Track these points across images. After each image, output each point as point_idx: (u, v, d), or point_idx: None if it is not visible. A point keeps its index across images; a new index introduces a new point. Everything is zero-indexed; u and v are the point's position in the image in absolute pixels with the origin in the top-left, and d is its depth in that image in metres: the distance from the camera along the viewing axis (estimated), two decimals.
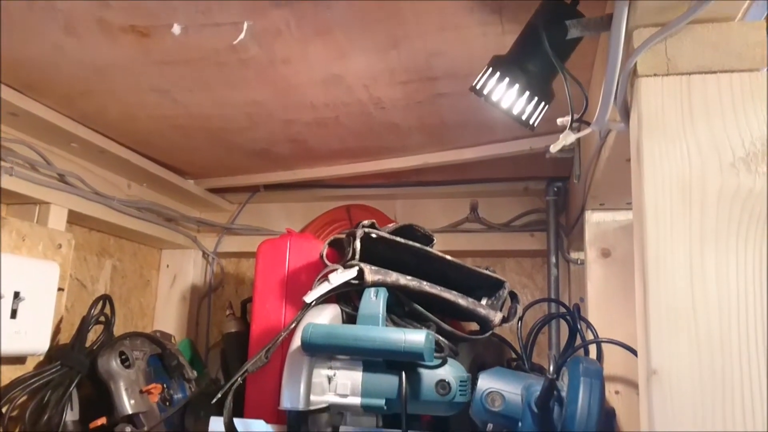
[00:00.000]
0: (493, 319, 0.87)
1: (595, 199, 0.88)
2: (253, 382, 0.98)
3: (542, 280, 1.36)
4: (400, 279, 0.83)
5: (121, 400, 0.96)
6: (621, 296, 0.89)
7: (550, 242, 1.27)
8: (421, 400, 0.78)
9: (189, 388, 1.11)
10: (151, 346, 1.08)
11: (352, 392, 0.79)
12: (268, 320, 1.01)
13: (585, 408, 0.73)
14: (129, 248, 1.37)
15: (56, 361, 0.95)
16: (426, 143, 1.12)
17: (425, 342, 0.71)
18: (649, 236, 0.47)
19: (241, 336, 1.25)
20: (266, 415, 0.93)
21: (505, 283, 0.91)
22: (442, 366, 0.80)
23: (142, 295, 1.41)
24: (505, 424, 0.79)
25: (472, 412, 0.79)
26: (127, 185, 1.27)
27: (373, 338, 0.72)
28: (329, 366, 0.80)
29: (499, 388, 0.78)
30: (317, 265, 1.00)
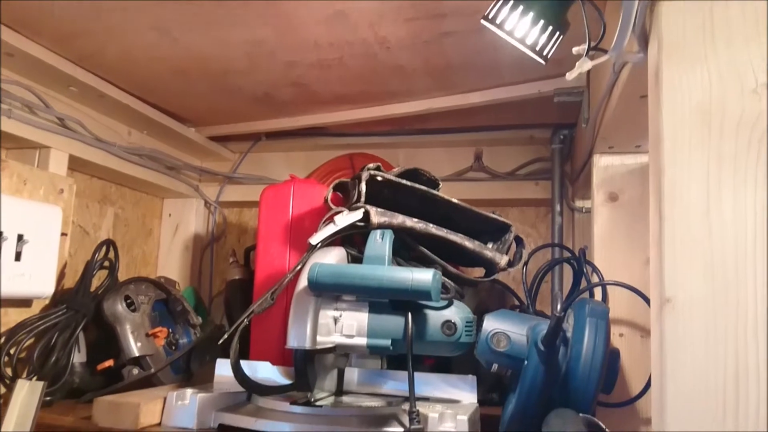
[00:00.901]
0: (499, 262, 0.86)
1: (605, 142, 0.86)
2: (258, 326, 0.99)
3: (546, 230, 1.35)
4: (407, 221, 0.83)
5: (127, 343, 0.97)
6: (627, 240, 0.89)
7: (555, 190, 1.26)
8: (427, 341, 0.79)
9: (194, 334, 1.12)
10: (156, 292, 1.08)
11: (358, 333, 0.79)
12: (273, 265, 1.01)
13: (590, 348, 0.74)
14: (131, 196, 1.36)
15: (62, 305, 0.95)
16: (431, 87, 1.10)
17: (432, 281, 0.70)
18: (666, 164, 0.46)
19: (244, 283, 1.26)
20: (271, 358, 0.94)
21: (511, 226, 0.91)
22: (448, 307, 0.80)
23: (144, 244, 1.41)
24: (509, 364, 0.79)
25: (477, 352, 0.79)
26: (128, 132, 1.25)
27: (380, 277, 0.71)
28: (335, 307, 0.80)
29: (504, 329, 0.78)
30: (321, 210, 1.00)
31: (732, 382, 0.42)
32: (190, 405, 0.82)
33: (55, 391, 0.91)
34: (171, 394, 0.84)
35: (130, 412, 0.80)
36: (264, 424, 0.78)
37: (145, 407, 0.80)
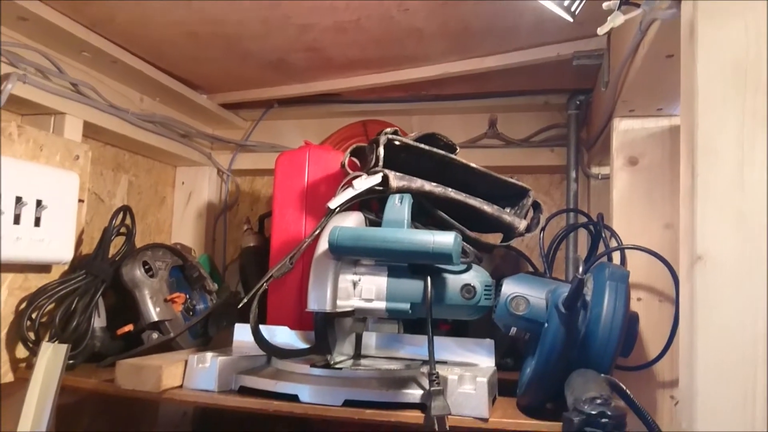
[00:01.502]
0: (518, 226, 0.86)
1: (626, 105, 0.85)
2: (275, 291, 0.99)
3: (560, 197, 1.35)
4: (425, 185, 0.82)
5: (146, 308, 0.98)
6: (647, 205, 0.88)
7: (570, 157, 1.25)
8: (446, 304, 0.79)
9: (210, 300, 1.13)
10: (172, 258, 1.09)
11: (377, 297, 0.79)
12: (288, 232, 1.01)
13: (610, 311, 0.74)
14: (144, 164, 1.36)
15: (80, 271, 0.96)
16: (448, 51, 1.08)
17: (454, 244, 0.70)
18: (700, 120, 0.45)
19: (259, 250, 1.26)
20: (289, 322, 0.95)
21: (529, 191, 0.90)
22: (467, 271, 0.80)
23: (158, 212, 1.42)
24: (528, 327, 0.80)
25: (495, 316, 0.79)
26: (140, 99, 1.24)
27: (401, 240, 0.71)
28: (354, 271, 0.80)
29: (523, 292, 0.78)
30: (337, 176, 0.99)
31: (763, 338, 0.42)
32: (211, 368, 0.83)
33: (76, 355, 0.92)
34: (192, 357, 0.85)
35: (152, 375, 0.81)
36: (284, 386, 0.79)
37: (167, 370, 0.82)
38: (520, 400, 0.79)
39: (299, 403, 0.78)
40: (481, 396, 0.74)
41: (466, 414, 0.74)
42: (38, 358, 0.79)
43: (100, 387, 0.86)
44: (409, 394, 0.76)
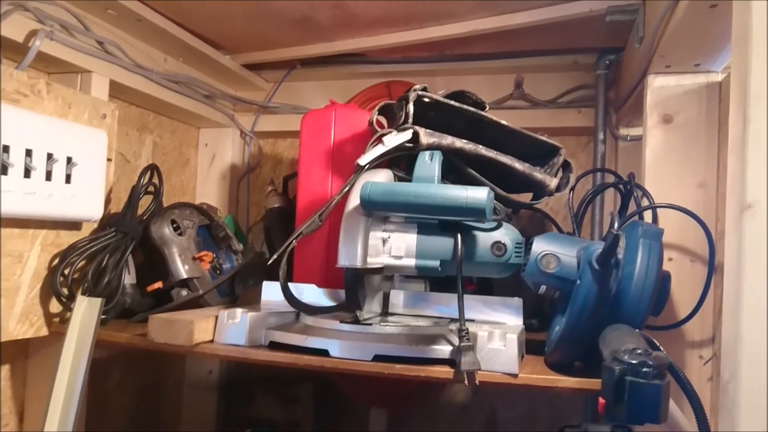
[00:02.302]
0: (549, 184, 0.85)
1: (662, 60, 0.83)
2: (301, 250, 0.99)
3: (586, 159, 1.33)
4: (456, 142, 0.81)
5: (175, 265, 0.99)
6: (680, 163, 0.87)
7: (598, 118, 1.23)
8: (476, 262, 0.79)
9: (236, 260, 1.14)
10: (199, 217, 1.10)
11: (407, 254, 0.79)
12: (314, 191, 1.01)
13: (643, 269, 0.73)
14: (168, 125, 1.36)
15: (110, 228, 0.97)
16: (475, 7, 1.06)
17: (487, 199, 0.70)
18: (753, 65, 0.43)
19: (283, 211, 1.27)
20: (315, 280, 0.96)
21: (560, 149, 0.89)
22: (498, 229, 0.79)
23: (182, 173, 1.42)
24: (558, 285, 0.79)
25: (525, 274, 0.79)
26: (164, 59, 1.23)
27: (434, 194, 0.71)
28: (383, 229, 0.80)
29: (554, 250, 0.78)
30: (363, 135, 0.99)
31: None
32: (241, 323, 0.84)
33: (108, 310, 0.94)
34: (222, 313, 0.86)
35: (184, 329, 0.82)
36: (314, 341, 0.80)
37: (198, 324, 0.83)
38: (548, 358, 0.80)
39: (329, 357, 0.78)
40: (511, 352, 0.74)
41: (495, 369, 0.74)
42: (74, 310, 0.81)
43: (133, 341, 0.88)
44: (438, 350, 0.76)
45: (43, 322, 0.92)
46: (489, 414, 1.36)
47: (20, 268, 0.88)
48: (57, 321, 0.94)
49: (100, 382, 1.17)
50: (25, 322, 0.89)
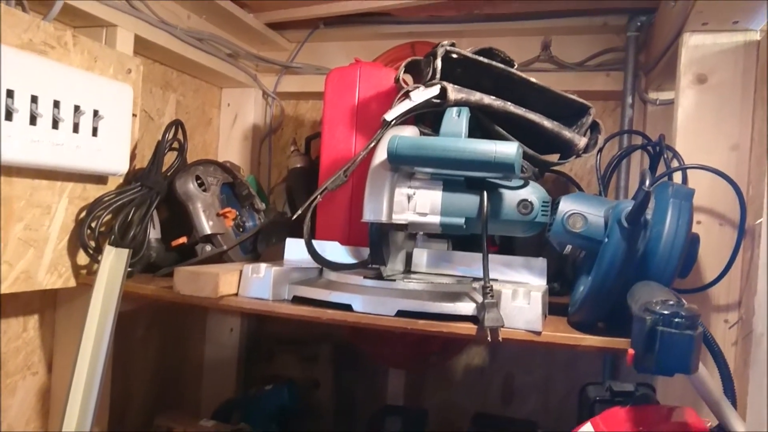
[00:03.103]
0: (578, 143, 0.84)
1: (700, 17, 0.80)
2: (324, 208, 1.00)
3: (613, 124, 1.31)
4: (484, 98, 0.80)
5: (200, 221, 1.00)
6: (714, 124, 0.85)
7: (627, 81, 1.20)
8: (502, 219, 0.78)
9: (258, 219, 1.15)
10: (223, 175, 1.10)
11: (432, 211, 0.79)
12: (338, 149, 1.01)
13: (672, 229, 0.72)
14: (191, 84, 1.36)
15: (136, 183, 0.97)
16: None
17: (516, 154, 0.69)
18: None
19: (306, 172, 1.26)
20: (338, 238, 0.96)
21: (590, 108, 0.87)
22: (525, 187, 0.79)
23: (205, 133, 1.42)
24: (584, 245, 0.79)
25: (551, 233, 0.78)
26: (187, 16, 1.22)
27: (462, 148, 0.70)
28: (409, 185, 0.80)
29: (581, 210, 0.77)
30: (388, 93, 0.98)
31: None
32: (265, 278, 0.85)
33: (134, 263, 0.95)
34: (246, 267, 0.87)
35: (209, 281, 0.83)
36: (338, 296, 0.81)
37: (223, 277, 0.83)
38: (572, 318, 0.79)
39: (352, 312, 0.79)
40: (535, 309, 0.74)
41: (519, 327, 0.74)
42: (102, 260, 0.82)
43: (158, 293, 0.89)
44: (461, 306, 0.76)
45: (71, 273, 0.94)
46: (506, 378, 1.37)
47: (48, 220, 0.89)
48: (84, 273, 0.95)
49: (124, 339, 1.19)
50: (54, 273, 0.91)
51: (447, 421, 1.33)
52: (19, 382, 0.97)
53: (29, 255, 0.86)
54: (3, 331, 0.93)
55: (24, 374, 0.98)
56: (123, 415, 1.21)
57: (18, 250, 0.85)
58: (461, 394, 1.37)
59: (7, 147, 0.77)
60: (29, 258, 0.86)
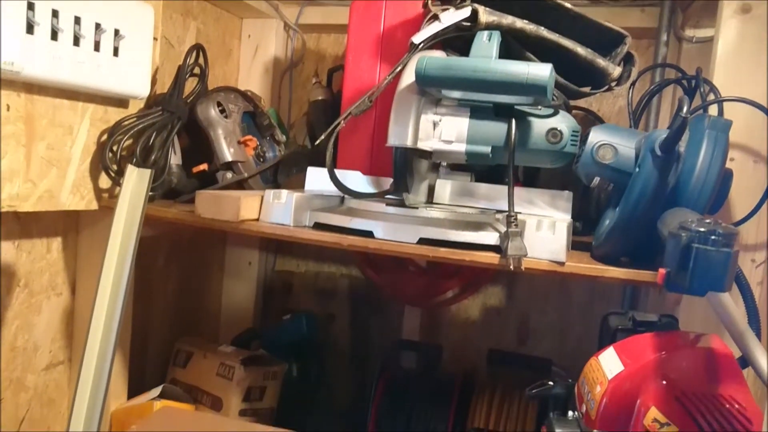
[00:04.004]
0: (612, 72, 0.81)
1: None
2: (347, 136, 0.98)
3: (645, 63, 1.26)
4: (517, 22, 0.77)
5: (221, 147, 0.99)
6: (755, 57, 0.81)
7: (663, 17, 1.15)
8: (529, 149, 0.76)
9: (279, 151, 1.14)
10: (244, 103, 1.09)
11: (458, 139, 0.77)
12: (362, 80, 0.98)
13: (706, 162, 0.70)
14: (212, 12, 1.33)
15: (157, 107, 0.96)
16: None
17: (549, 76, 0.66)
18: None
19: (327, 104, 1.24)
20: (360, 167, 0.95)
21: (626, 36, 0.84)
22: (554, 116, 0.77)
23: (225, 64, 1.40)
24: (613, 177, 0.77)
25: (579, 165, 0.77)
26: None
27: (494, 69, 0.68)
28: (435, 111, 0.78)
29: (611, 141, 0.75)
30: (415, 22, 0.94)
31: None
32: (287, 203, 0.84)
33: (155, 188, 0.95)
34: (268, 192, 0.86)
35: (231, 205, 0.83)
36: (359, 223, 0.80)
37: (245, 201, 0.83)
38: (595, 251, 0.78)
39: (373, 239, 0.79)
40: (560, 240, 0.73)
41: (542, 257, 0.74)
42: (124, 180, 0.82)
43: (180, 216, 0.89)
44: (484, 236, 0.75)
45: (93, 196, 0.94)
46: (522, 319, 1.37)
47: (71, 141, 0.89)
48: (106, 197, 0.96)
49: (145, 268, 1.20)
50: (77, 195, 0.91)
51: (462, 358, 1.34)
52: (44, 302, 0.99)
53: (52, 175, 0.87)
54: (27, 251, 0.95)
55: (48, 294, 0.99)
56: (145, 342, 1.23)
57: (41, 169, 0.85)
58: (477, 333, 1.38)
59: (29, 62, 0.76)
60: (52, 178, 0.87)
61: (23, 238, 0.93)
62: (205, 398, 1.10)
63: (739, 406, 0.49)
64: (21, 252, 0.93)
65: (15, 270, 0.93)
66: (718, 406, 0.49)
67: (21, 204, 0.83)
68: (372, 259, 1.31)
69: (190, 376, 1.14)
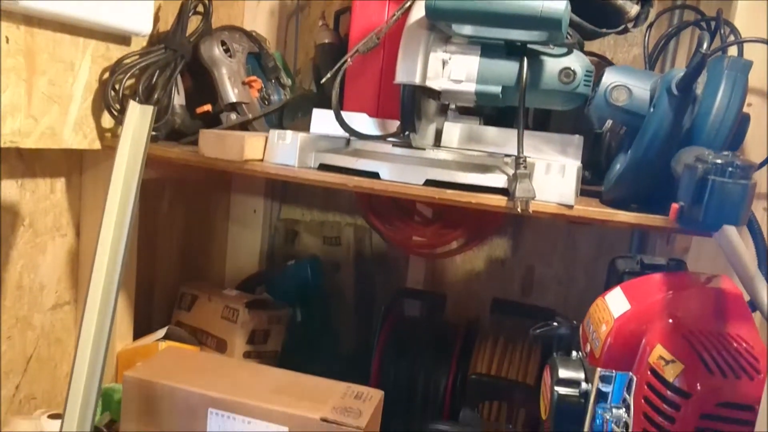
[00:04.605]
0: (629, 11, 0.78)
1: None
2: (353, 78, 0.96)
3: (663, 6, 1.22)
4: None
5: (225, 88, 0.97)
6: None
7: None
8: (541, 89, 0.74)
9: (284, 95, 1.12)
10: (248, 43, 1.06)
11: (467, 78, 0.75)
12: (370, 19, 0.95)
13: (724, 103, 0.68)
14: None
15: (160, 45, 0.94)
16: None
17: (564, 10, 0.64)
18: None
19: (334, 48, 1.21)
20: (367, 109, 0.93)
21: None
22: (568, 55, 0.74)
23: (230, 7, 1.36)
24: (626, 120, 0.75)
25: (592, 107, 0.75)
26: None
27: (507, 1, 0.65)
28: (444, 50, 0.76)
29: (626, 82, 0.73)
30: None
31: None
32: (292, 143, 0.83)
33: (158, 128, 0.94)
34: (273, 132, 0.85)
35: (235, 144, 0.82)
36: (365, 164, 0.79)
37: (249, 140, 0.82)
38: (605, 196, 0.77)
39: (379, 180, 0.77)
40: (569, 183, 0.72)
41: (551, 200, 0.72)
42: (126, 117, 0.80)
43: (183, 155, 0.88)
44: (492, 178, 0.74)
45: (96, 135, 0.93)
46: (526, 270, 1.37)
47: (72, 77, 0.87)
48: (109, 137, 0.94)
49: (150, 212, 1.20)
50: (79, 133, 0.90)
51: (466, 308, 1.34)
52: (49, 242, 0.98)
53: (54, 111, 0.85)
54: (31, 191, 0.94)
55: (53, 235, 0.99)
56: (151, 286, 1.24)
57: (42, 105, 0.83)
58: (481, 284, 1.38)
59: None
60: (54, 114, 0.85)
61: (26, 177, 0.92)
62: (210, 340, 1.11)
63: (747, 345, 0.48)
64: (24, 191, 0.93)
65: (19, 209, 0.92)
66: (725, 344, 0.48)
67: (23, 140, 0.82)
68: (377, 209, 1.30)
69: (194, 319, 1.15)
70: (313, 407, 0.78)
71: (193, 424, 0.80)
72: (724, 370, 0.46)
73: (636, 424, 0.49)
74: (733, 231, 0.58)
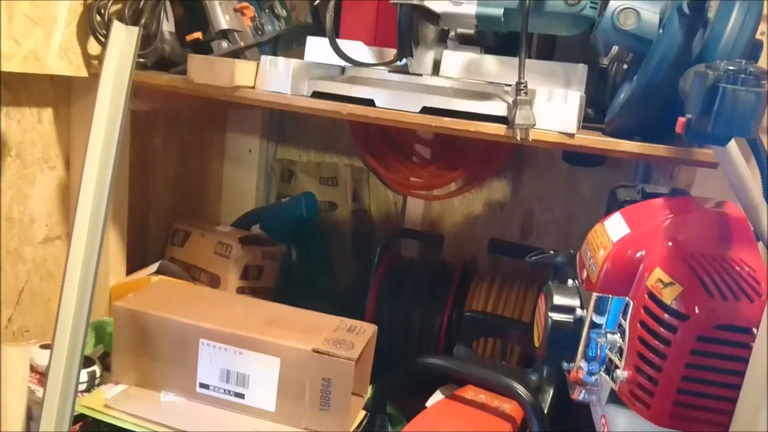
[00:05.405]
0: None
1: None
2: (349, 8, 0.92)
3: None
4: None
5: (215, 13, 0.93)
6: None
7: None
8: (546, 12, 0.71)
9: (279, 26, 1.07)
10: None
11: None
12: None
13: (736, 28, 0.64)
14: None
15: None
16: None
17: None
18: None
19: None
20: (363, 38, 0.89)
21: None
22: None
23: None
24: (633, 46, 0.72)
25: (598, 31, 0.71)
26: None
27: None
28: None
29: (634, 5, 0.69)
30: None
31: None
32: (284, 70, 0.80)
33: (146, 55, 0.90)
34: (264, 58, 0.81)
35: (225, 69, 0.79)
36: (360, 90, 0.76)
37: (239, 66, 0.79)
38: (608, 126, 0.75)
39: (374, 108, 0.75)
40: (572, 111, 0.69)
41: (552, 128, 0.70)
42: (110, 38, 0.77)
43: (172, 82, 0.85)
44: (491, 105, 0.71)
45: (82, 62, 0.90)
46: (525, 214, 1.35)
47: None
48: (96, 64, 0.91)
49: (143, 145, 1.17)
50: (64, 59, 0.87)
51: (463, 249, 1.33)
52: (38, 174, 0.96)
53: (37, 34, 0.82)
54: (17, 120, 0.91)
55: (42, 167, 0.97)
56: (145, 222, 1.22)
57: (24, 27, 0.80)
58: (479, 226, 1.36)
59: None
60: (37, 38, 0.82)
61: (12, 105, 0.90)
62: (203, 276, 1.10)
63: (749, 269, 0.46)
64: (10, 120, 0.90)
65: (5, 139, 0.90)
66: (727, 267, 0.46)
67: (5, 63, 0.79)
68: (375, 150, 1.27)
69: (188, 255, 1.14)
70: (306, 339, 0.77)
71: (185, 355, 0.80)
72: (723, 293, 0.44)
73: (631, 348, 0.48)
74: (740, 157, 0.55)
